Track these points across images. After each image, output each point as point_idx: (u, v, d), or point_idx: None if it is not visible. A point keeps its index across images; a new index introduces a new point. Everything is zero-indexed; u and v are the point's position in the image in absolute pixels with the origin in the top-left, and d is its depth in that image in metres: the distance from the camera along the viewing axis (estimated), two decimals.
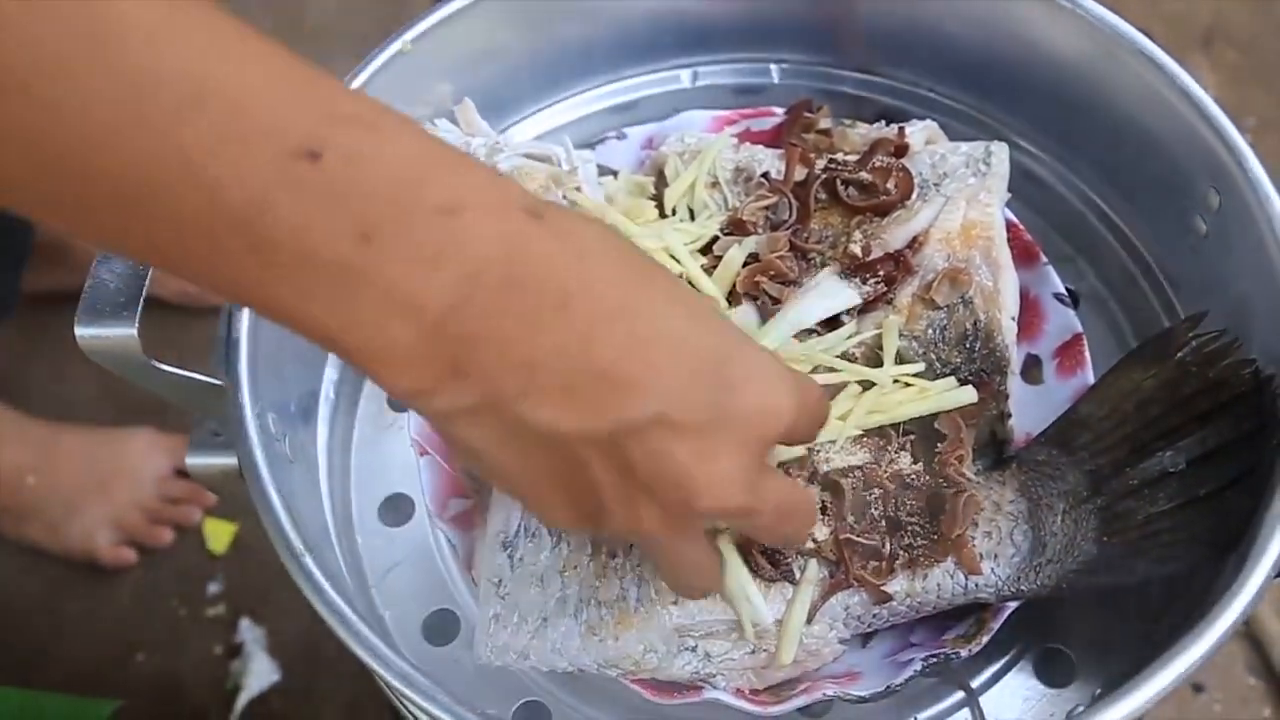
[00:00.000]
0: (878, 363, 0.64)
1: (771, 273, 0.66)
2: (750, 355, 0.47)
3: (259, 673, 1.29)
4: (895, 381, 0.63)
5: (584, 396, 0.42)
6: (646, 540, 0.49)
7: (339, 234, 0.38)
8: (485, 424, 0.43)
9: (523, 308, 0.41)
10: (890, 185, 0.68)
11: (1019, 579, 0.61)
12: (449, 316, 0.40)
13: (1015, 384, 0.66)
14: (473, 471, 0.50)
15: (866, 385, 0.63)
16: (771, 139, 0.76)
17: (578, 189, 0.71)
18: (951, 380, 0.63)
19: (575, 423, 0.43)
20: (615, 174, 0.75)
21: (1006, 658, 0.66)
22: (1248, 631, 1.25)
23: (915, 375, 0.64)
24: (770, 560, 0.60)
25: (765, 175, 0.70)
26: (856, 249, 0.65)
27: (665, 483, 0.45)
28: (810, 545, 0.60)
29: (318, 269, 0.39)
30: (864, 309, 0.65)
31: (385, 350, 0.41)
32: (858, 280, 0.65)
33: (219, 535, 1.37)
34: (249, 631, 1.32)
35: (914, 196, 0.68)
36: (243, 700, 1.28)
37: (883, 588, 0.60)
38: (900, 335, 0.65)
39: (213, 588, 1.35)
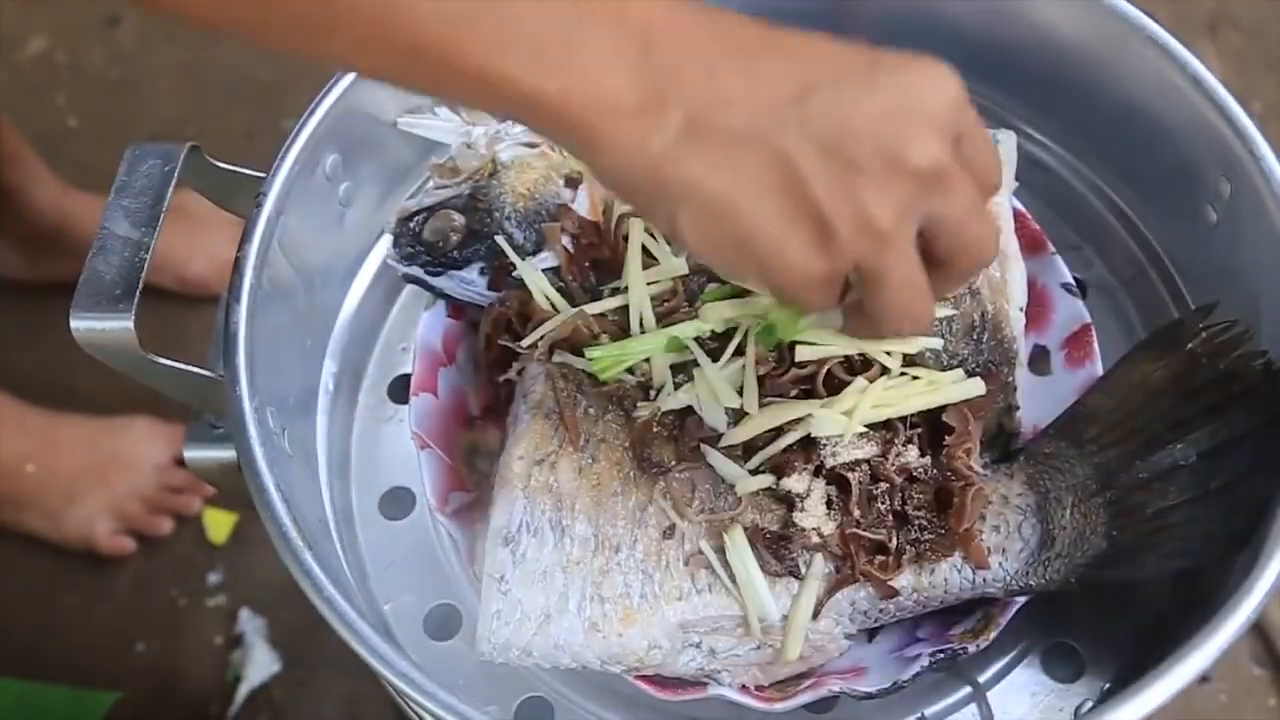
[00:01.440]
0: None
1: None
2: (893, 52, 0.49)
3: (259, 663, 1.29)
4: (902, 374, 0.62)
5: (763, 92, 0.46)
6: (879, 246, 0.48)
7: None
8: (695, 149, 0.46)
9: (693, 38, 0.46)
10: None
11: (1027, 573, 0.60)
12: (645, 53, 0.45)
13: (1023, 375, 0.66)
14: (703, 241, 0.49)
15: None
16: None
17: (579, 173, 0.70)
18: (959, 372, 0.62)
19: (766, 114, 0.46)
20: None
21: (1014, 653, 0.65)
22: (1254, 622, 1.25)
23: (922, 367, 0.63)
24: (776, 555, 0.59)
25: None
26: None
27: (866, 145, 0.46)
28: (816, 540, 0.59)
29: (548, 33, 0.45)
30: None
31: (607, 100, 0.45)
32: None
33: (219, 525, 1.36)
34: (249, 622, 1.32)
35: None
36: (243, 691, 1.28)
37: (889, 582, 0.60)
38: None
39: (213, 578, 1.35)
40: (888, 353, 0.62)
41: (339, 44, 0.46)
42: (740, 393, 0.61)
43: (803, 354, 0.61)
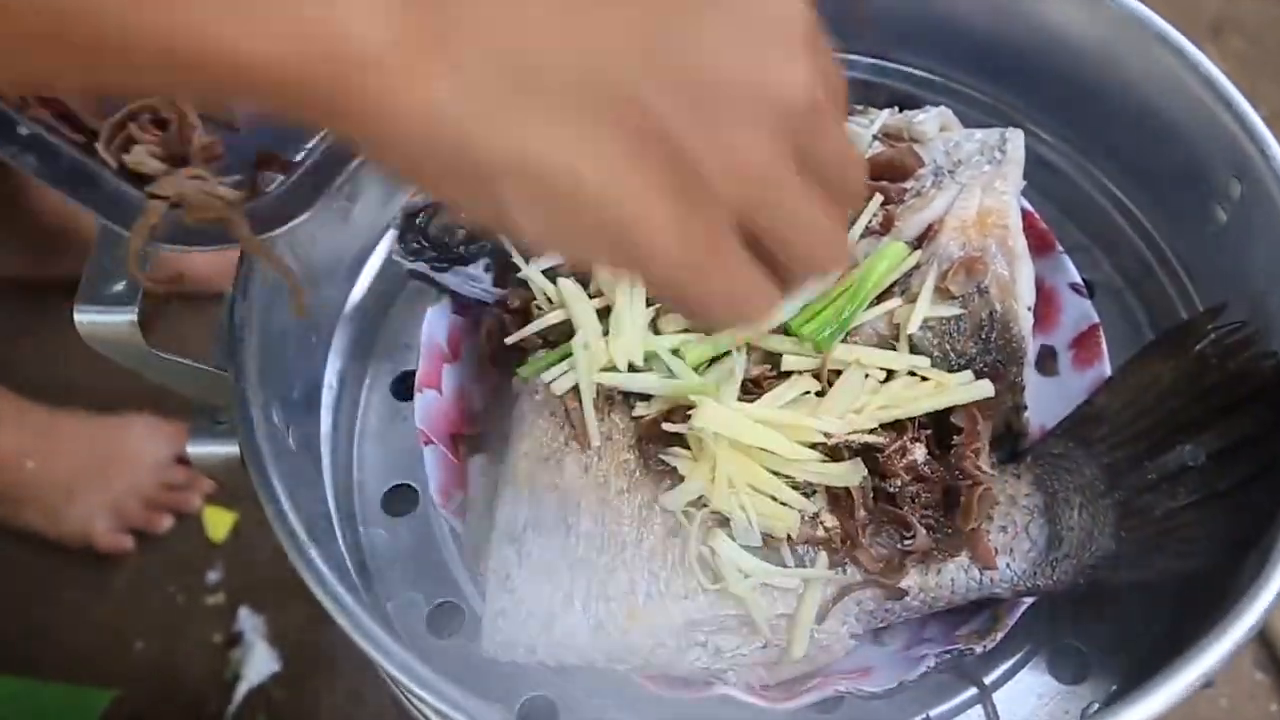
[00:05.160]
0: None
1: None
2: None
3: (259, 662, 1.29)
4: (911, 374, 0.62)
5: (586, 23, 0.36)
6: (761, 187, 0.39)
7: None
8: (508, 105, 0.35)
9: None
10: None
11: (1035, 574, 0.60)
12: None
13: (1030, 375, 0.65)
14: (541, 228, 0.38)
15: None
16: None
17: None
18: (968, 374, 0.62)
19: (599, 56, 0.36)
20: None
21: (1020, 654, 0.65)
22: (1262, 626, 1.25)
23: (930, 365, 0.63)
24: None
25: None
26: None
27: (730, 76, 0.37)
28: (821, 534, 0.59)
29: None
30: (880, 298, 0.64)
31: (356, 50, 0.34)
32: None
33: (218, 523, 1.36)
34: (248, 620, 1.31)
35: (929, 185, 0.67)
36: (242, 689, 1.28)
37: (896, 583, 0.59)
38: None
39: (212, 576, 1.35)
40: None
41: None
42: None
43: (789, 364, 0.61)
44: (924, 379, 0.62)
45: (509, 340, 0.64)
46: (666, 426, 0.59)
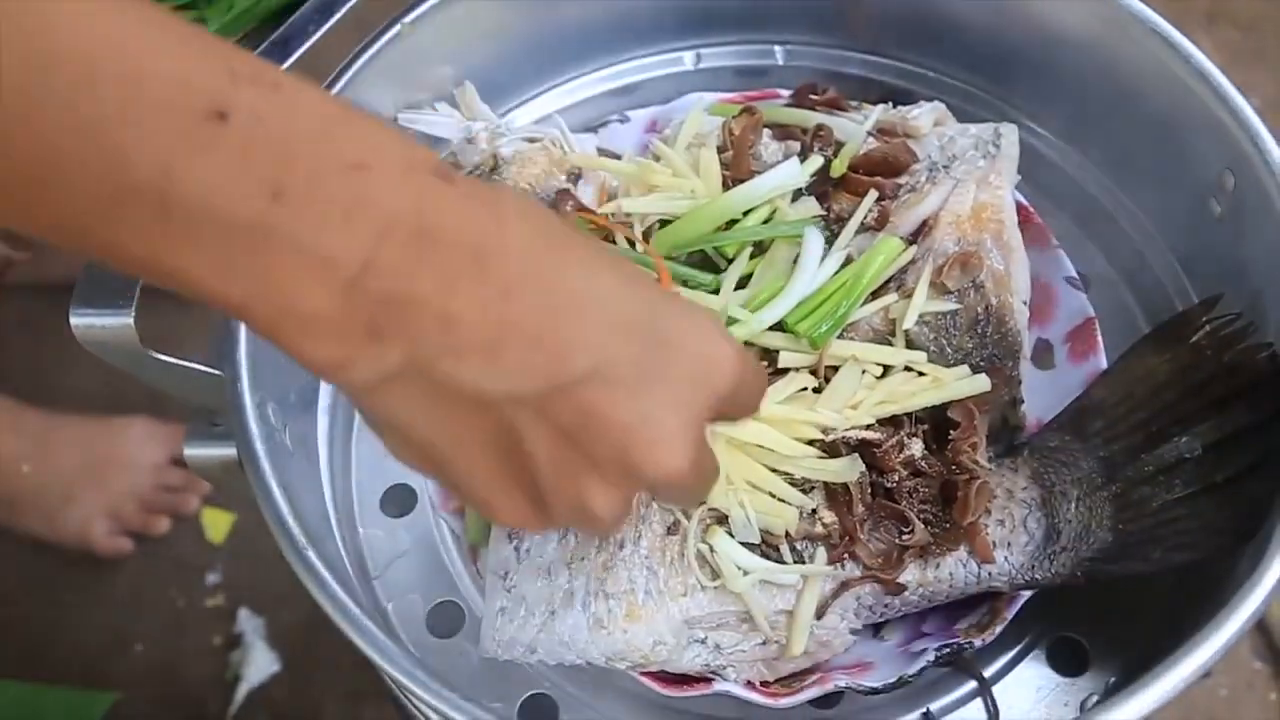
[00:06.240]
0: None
1: None
2: (686, 311, 0.45)
3: (259, 663, 1.29)
4: (907, 369, 0.62)
5: (510, 353, 0.40)
6: (593, 525, 0.46)
7: (250, 193, 0.36)
8: (410, 391, 0.41)
9: (438, 264, 0.39)
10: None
11: (1033, 567, 0.60)
12: (363, 274, 0.38)
13: (1026, 369, 0.65)
14: (410, 464, 0.45)
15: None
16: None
17: (579, 175, 0.70)
18: (964, 369, 0.62)
19: (502, 381, 0.40)
20: (619, 158, 0.73)
21: (1019, 647, 0.65)
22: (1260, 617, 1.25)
23: (926, 360, 0.63)
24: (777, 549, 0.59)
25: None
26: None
27: (606, 446, 0.42)
28: (819, 530, 0.59)
29: (229, 232, 0.37)
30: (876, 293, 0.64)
31: (301, 316, 0.38)
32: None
33: (217, 525, 1.36)
34: (248, 622, 1.31)
35: (923, 180, 0.67)
36: (242, 691, 1.28)
37: (895, 578, 0.59)
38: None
39: (211, 578, 1.34)
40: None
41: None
42: None
43: (785, 360, 0.61)
44: (920, 374, 0.62)
45: None
46: None
